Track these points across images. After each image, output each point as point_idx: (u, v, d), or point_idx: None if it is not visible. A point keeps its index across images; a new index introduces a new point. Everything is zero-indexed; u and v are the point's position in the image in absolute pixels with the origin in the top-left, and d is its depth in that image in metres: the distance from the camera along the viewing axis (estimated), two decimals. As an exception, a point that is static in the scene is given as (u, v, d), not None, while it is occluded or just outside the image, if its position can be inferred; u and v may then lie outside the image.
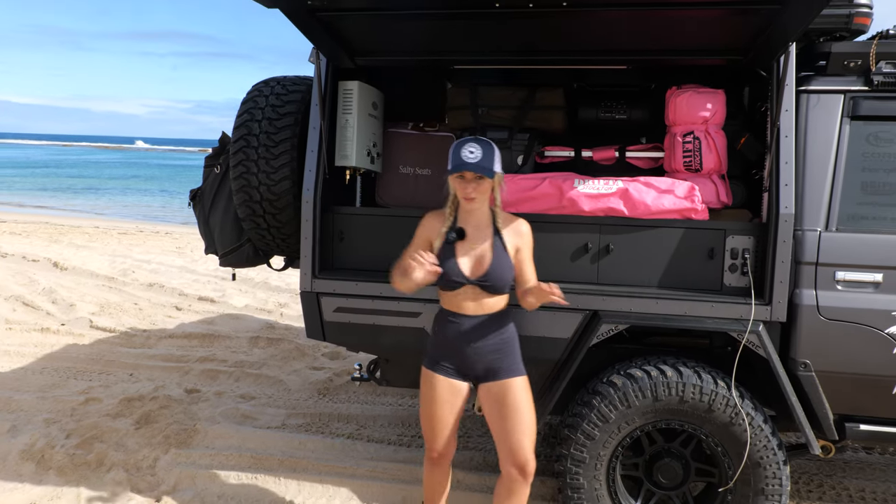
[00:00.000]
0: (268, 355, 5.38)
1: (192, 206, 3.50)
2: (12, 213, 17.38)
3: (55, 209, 20.42)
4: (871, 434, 2.69)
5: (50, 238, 11.89)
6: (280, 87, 3.11)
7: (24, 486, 3.29)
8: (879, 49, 2.67)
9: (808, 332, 2.61)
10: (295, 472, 3.48)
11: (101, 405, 4.24)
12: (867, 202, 2.65)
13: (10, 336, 5.81)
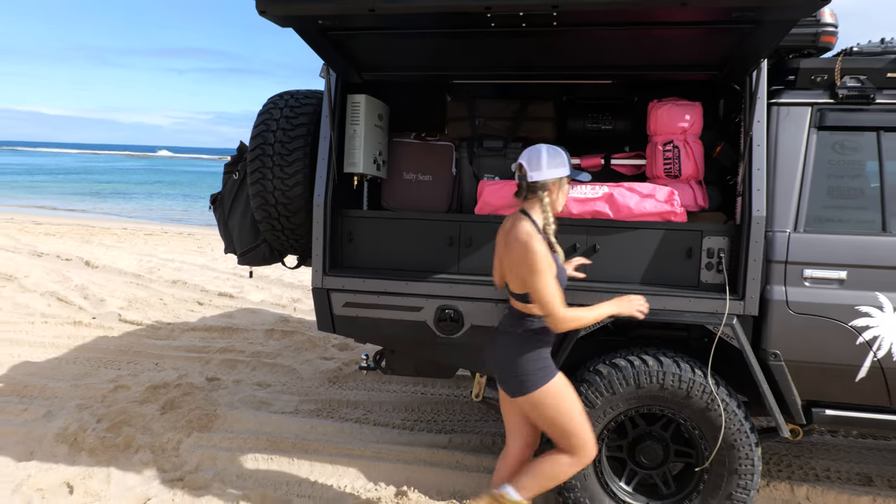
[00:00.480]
0: (282, 346, 5.39)
1: (213, 210, 3.50)
2: (47, 216, 17.38)
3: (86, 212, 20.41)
4: (836, 418, 2.69)
5: (82, 239, 11.90)
6: (293, 100, 3.11)
7: (59, 467, 3.29)
8: (844, 65, 2.67)
9: (779, 324, 2.61)
10: (307, 453, 3.48)
11: (129, 392, 4.24)
12: (832, 206, 2.65)
13: (46, 329, 5.81)
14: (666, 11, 2.25)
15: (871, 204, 2.63)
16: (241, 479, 3.22)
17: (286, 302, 7.09)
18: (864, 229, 2.61)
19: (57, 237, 11.97)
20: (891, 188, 2.63)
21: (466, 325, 2.82)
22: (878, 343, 2.54)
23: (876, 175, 2.64)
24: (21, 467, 3.28)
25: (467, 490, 3.12)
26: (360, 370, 3.66)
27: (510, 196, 2.87)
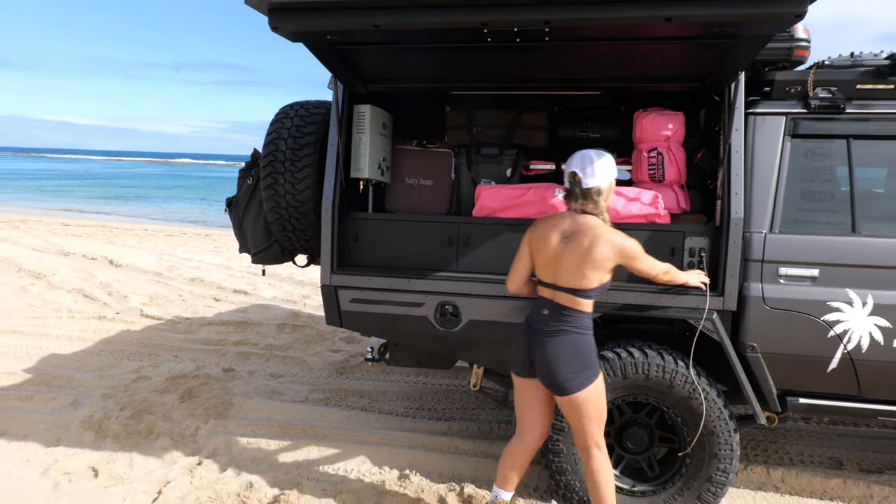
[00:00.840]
0: (293, 339, 5.39)
1: (228, 212, 3.50)
2: (74, 218, 17.38)
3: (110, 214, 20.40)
4: (809, 406, 2.70)
5: (106, 239, 11.90)
6: (303, 110, 3.12)
7: (84, 452, 3.30)
8: (816, 77, 2.68)
9: (756, 319, 2.61)
10: (316, 439, 3.48)
11: (150, 382, 4.25)
12: (805, 208, 2.65)
13: (72, 323, 5.82)
14: (651, 27, 2.26)
15: (841, 207, 2.63)
16: (254, 463, 3.23)
17: (297, 298, 7.09)
18: (834, 230, 2.61)
19: (83, 238, 11.97)
20: (860, 192, 2.63)
21: (464, 320, 2.82)
22: (848, 336, 2.55)
23: (846, 180, 2.64)
24: (49, 452, 3.28)
25: (466, 474, 3.13)
26: (365, 362, 3.67)
27: (505, 199, 2.88)
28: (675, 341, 2.81)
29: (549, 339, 2.27)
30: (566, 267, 2.24)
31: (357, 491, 2.93)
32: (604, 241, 2.20)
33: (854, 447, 3.49)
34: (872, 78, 2.65)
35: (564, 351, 2.25)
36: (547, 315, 2.30)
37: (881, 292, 2.53)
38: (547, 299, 2.32)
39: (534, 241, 2.35)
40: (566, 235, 2.26)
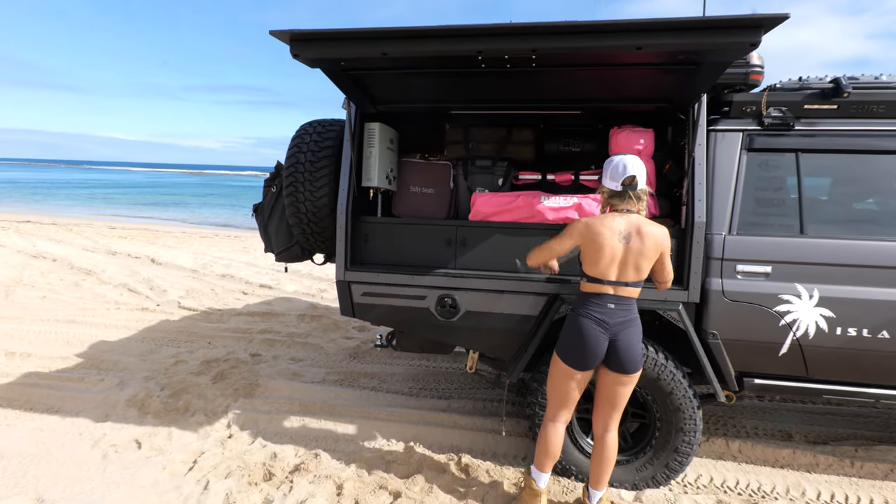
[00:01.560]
0: (312, 328, 5.38)
1: (255, 217, 3.50)
2: (120, 222, 17.36)
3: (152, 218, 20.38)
4: (762, 386, 2.70)
5: (148, 240, 11.88)
6: (320, 127, 3.11)
7: (129, 427, 3.29)
8: (769, 98, 2.68)
9: (716, 310, 2.61)
10: (332, 415, 3.48)
11: (187, 365, 4.24)
12: (759, 213, 2.65)
13: (119, 314, 5.81)
14: (624, 55, 2.26)
15: (790, 212, 2.63)
16: (277, 436, 3.22)
17: (315, 292, 7.08)
18: (785, 232, 2.61)
19: (128, 239, 11.96)
20: (807, 199, 2.63)
21: (462, 311, 2.82)
22: (796, 325, 2.55)
23: (795, 188, 2.64)
24: (98, 427, 3.28)
25: (463, 445, 3.13)
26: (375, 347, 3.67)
27: (497, 205, 2.87)
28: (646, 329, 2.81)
29: (628, 329, 2.27)
30: (630, 264, 2.24)
31: (368, 460, 2.92)
32: (660, 236, 2.25)
33: (802, 421, 3.50)
34: (818, 99, 2.65)
35: (637, 337, 2.29)
36: (615, 310, 2.27)
37: (826, 286, 2.53)
38: (610, 294, 2.28)
39: (588, 239, 2.26)
40: (625, 236, 2.23)
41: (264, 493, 2.64)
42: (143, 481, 2.74)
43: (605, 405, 2.38)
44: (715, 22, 1.95)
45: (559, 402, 2.39)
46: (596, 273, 2.28)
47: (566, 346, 2.32)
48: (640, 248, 2.22)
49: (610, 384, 2.34)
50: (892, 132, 2.59)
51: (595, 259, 2.26)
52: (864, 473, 2.93)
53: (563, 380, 2.35)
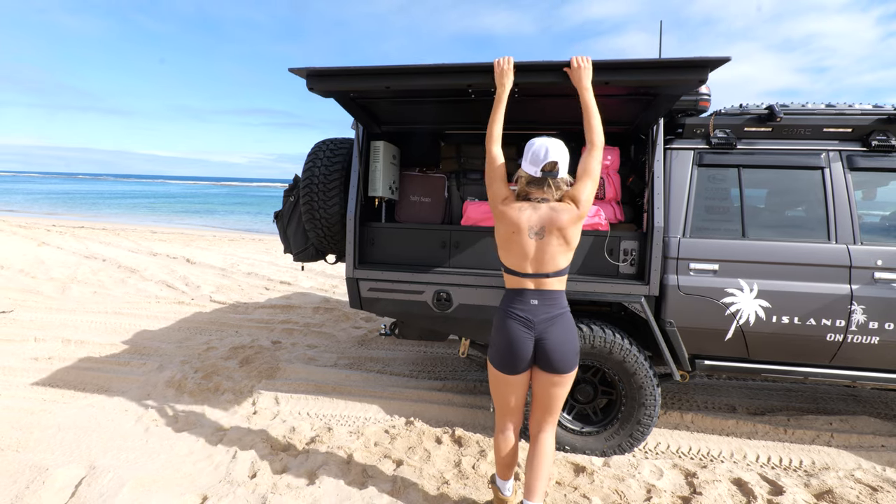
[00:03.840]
0: (325, 319, 5.33)
1: (275, 222, 3.45)
2: (160, 227, 17.16)
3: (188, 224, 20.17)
4: (711, 366, 2.70)
5: (184, 243, 11.75)
6: (333, 144, 3.07)
7: (168, 404, 3.24)
8: (715, 122, 2.68)
9: (673, 302, 2.60)
10: (342, 395, 3.44)
11: (217, 351, 4.18)
12: (708, 219, 2.65)
13: (158, 306, 5.73)
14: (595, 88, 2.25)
15: (734, 218, 2.63)
16: (295, 413, 3.18)
17: (328, 287, 7.02)
18: (729, 235, 2.61)
19: (167, 242, 11.82)
20: (747, 207, 2.63)
21: (455, 304, 2.79)
22: (739, 314, 2.54)
23: (737, 198, 2.64)
24: (141, 404, 3.21)
25: (456, 420, 3.09)
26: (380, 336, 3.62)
27: (485, 212, 2.84)
28: (613, 319, 2.81)
29: (558, 322, 1.83)
30: (547, 255, 1.81)
31: (374, 433, 2.88)
32: (570, 212, 1.82)
33: (744, 396, 3.50)
34: (755, 123, 2.66)
35: (571, 331, 1.85)
36: (537, 305, 1.83)
37: (764, 281, 2.53)
38: (531, 290, 1.84)
39: (500, 222, 1.85)
40: (537, 232, 1.82)
41: (284, 462, 2.60)
42: (180, 451, 2.68)
43: (538, 407, 1.92)
44: (670, 63, 1.98)
45: (500, 409, 1.96)
46: (511, 265, 1.85)
47: (493, 349, 1.88)
48: (559, 241, 1.80)
49: (543, 385, 1.88)
50: (816, 151, 2.60)
51: (506, 246, 1.84)
52: (795, 439, 2.93)
53: (497, 386, 1.92)
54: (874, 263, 2.47)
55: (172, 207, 31.97)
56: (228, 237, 13.90)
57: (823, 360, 2.58)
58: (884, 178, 2.66)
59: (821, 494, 2.39)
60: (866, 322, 2.46)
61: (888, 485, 2.46)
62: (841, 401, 3.43)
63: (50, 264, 8.07)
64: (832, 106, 2.64)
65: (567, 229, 1.81)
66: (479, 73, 2.07)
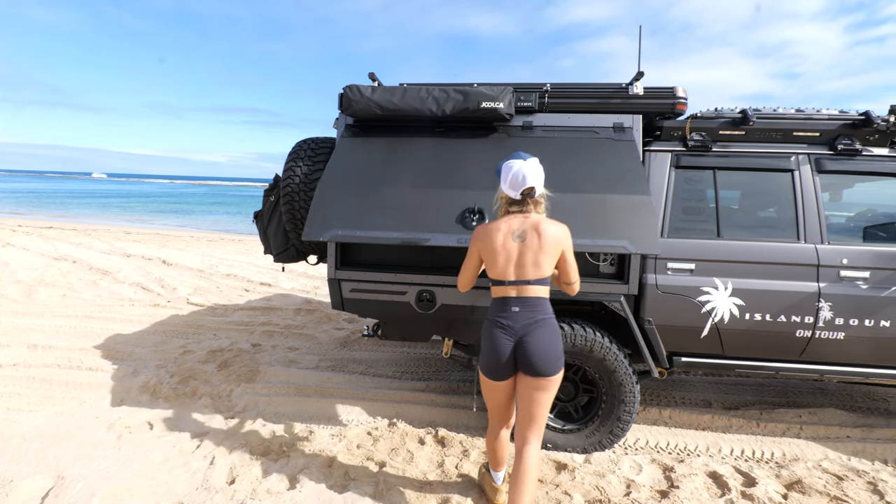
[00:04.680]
0: (307, 320, 5.25)
1: (255, 222, 3.38)
2: (134, 227, 16.65)
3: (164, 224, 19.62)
4: (688, 363, 2.75)
5: (160, 244, 11.42)
6: (314, 143, 3.02)
7: (143, 410, 3.13)
8: (692, 125, 2.73)
9: (651, 300, 2.64)
10: (324, 397, 3.38)
11: (194, 355, 4.06)
12: (685, 219, 2.69)
13: (132, 309, 5.54)
14: None
15: (709, 218, 2.68)
16: (276, 416, 3.11)
17: (310, 289, 6.92)
18: (705, 235, 2.66)
19: (142, 243, 11.46)
20: (723, 208, 2.69)
21: (438, 304, 2.77)
22: (715, 312, 2.60)
23: (713, 199, 2.70)
24: (113, 411, 3.10)
25: (439, 420, 3.08)
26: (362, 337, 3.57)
27: None
28: (594, 318, 2.83)
29: (540, 328, 1.87)
30: (528, 262, 1.88)
31: (356, 435, 2.85)
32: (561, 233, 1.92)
33: (719, 391, 3.58)
34: (730, 126, 2.72)
35: (552, 337, 1.89)
36: (522, 311, 1.88)
37: (738, 279, 2.59)
38: (513, 297, 1.90)
39: (484, 243, 1.93)
40: (519, 234, 1.90)
41: (264, 466, 2.54)
42: (155, 458, 2.59)
43: (523, 414, 1.93)
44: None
45: (491, 412, 2.04)
46: (496, 275, 1.92)
47: (481, 357, 1.95)
48: (539, 245, 1.87)
49: (525, 389, 1.90)
50: (786, 154, 2.68)
51: (492, 260, 1.91)
52: (767, 432, 3.01)
53: (486, 391, 1.99)
54: (840, 262, 2.56)
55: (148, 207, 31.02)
56: (207, 238, 13.58)
57: (793, 356, 2.66)
58: (849, 181, 2.76)
59: (791, 485, 2.46)
60: (833, 318, 2.54)
61: (853, 474, 2.55)
62: (810, 394, 3.55)
63: (15, 266, 7.74)
64: (801, 111, 2.72)
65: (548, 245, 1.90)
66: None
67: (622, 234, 2.40)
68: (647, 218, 2.41)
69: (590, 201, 2.47)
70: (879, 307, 2.51)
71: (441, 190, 2.53)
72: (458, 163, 2.63)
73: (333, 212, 2.50)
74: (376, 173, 2.64)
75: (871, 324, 2.52)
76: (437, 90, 2.64)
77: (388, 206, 2.50)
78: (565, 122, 2.73)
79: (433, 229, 2.45)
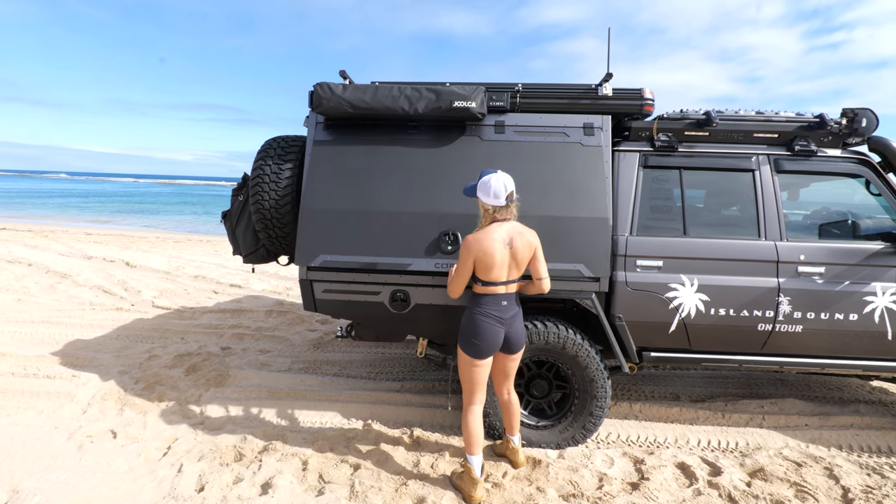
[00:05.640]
0: (278, 322, 5.15)
1: (223, 223, 3.29)
2: (96, 228, 15.95)
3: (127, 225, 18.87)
4: (657, 358, 2.81)
5: (123, 245, 10.98)
6: (284, 142, 2.96)
7: (105, 418, 3.01)
8: (659, 126, 2.80)
9: (621, 297, 2.69)
10: (297, 400, 3.33)
11: (160, 360, 3.93)
12: (653, 218, 2.75)
13: (94, 314, 5.32)
14: None
15: (676, 217, 2.75)
16: (247, 421, 3.05)
17: (281, 290, 6.79)
18: (672, 233, 2.73)
19: (103, 244, 10.99)
20: (689, 207, 2.76)
21: (413, 303, 2.77)
22: (682, 307, 2.67)
23: (679, 198, 2.77)
24: (73, 420, 2.97)
25: (415, 420, 3.08)
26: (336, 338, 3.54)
27: None
28: (566, 315, 2.87)
29: (517, 318, 2.31)
30: (521, 261, 2.24)
31: (330, 438, 2.81)
32: (534, 238, 2.29)
33: (686, 385, 3.69)
34: (694, 127, 2.80)
35: (522, 320, 2.36)
36: (508, 304, 2.26)
37: (704, 276, 2.67)
38: (503, 294, 2.25)
39: (480, 253, 2.18)
40: (508, 243, 2.20)
41: (235, 472, 2.48)
42: (119, 468, 2.50)
43: (503, 378, 2.47)
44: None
45: (471, 388, 2.32)
46: (490, 278, 2.22)
47: (470, 342, 2.24)
48: (520, 250, 2.22)
49: (504, 362, 2.41)
50: (748, 154, 2.78)
51: (488, 267, 2.19)
52: (731, 422, 3.13)
53: (470, 370, 2.30)
54: (798, 258, 2.68)
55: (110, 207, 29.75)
56: (173, 238, 13.14)
57: (755, 349, 2.77)
58: (805, 180, 2.90)
59: (754, 472, 2.57)
60: (791, 312, 2.66)
61: (811, 460, 2.68)
62: (771, 385, 3.71)
63: (-35, 270, 7.32)
64: (761, 113, 2.83)
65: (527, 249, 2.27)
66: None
67: (578, 257, 2.60)
68: (603, 239, 2.60)
69: (550, 221, 2.62)
70: (834, 301, 2.64)
71: (418, 213, 2.67)
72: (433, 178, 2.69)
73: (319, 237, 2.70)
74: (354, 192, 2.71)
75: (827, 317, 2.65)
76: (410, 89, 2.63)
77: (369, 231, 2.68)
78: (537, 122, 2.76)
79: (412, 254, 2.66)
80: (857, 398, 3.51)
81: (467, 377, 2.32)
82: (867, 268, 2.65)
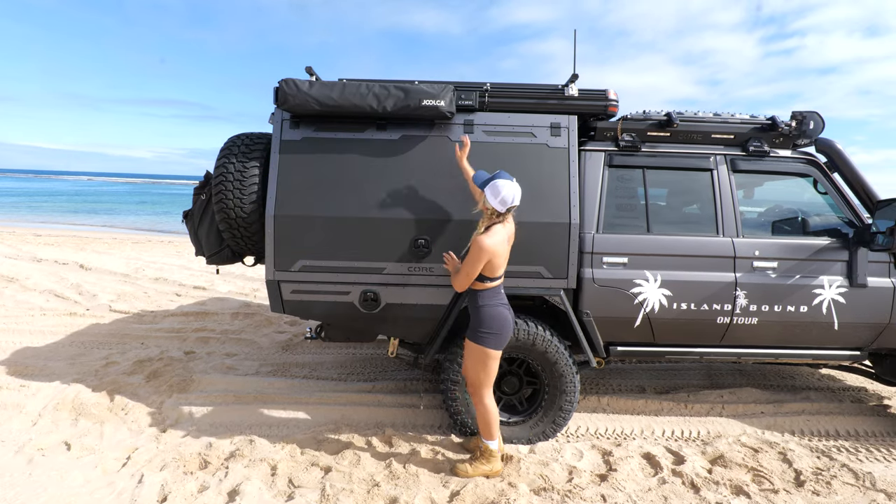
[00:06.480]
0: (245, 325, 5.02)
1: (185, 223, 3.18)
2: (46, 229, 15.08)
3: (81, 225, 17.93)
4: (624, 352, 2.90)
5: (77, 247, 10.43)
6: (248, 139, 2.89)
7: (58, 430, 2.86)
8: (623, 126, 2.88)
9: (589, 294, 2.75)
10: (266, 404, 3.26)
11: (118, 366, 3.76)
12: (618, 216, 2.83)
13: (45, 320, 5.03)
14: None
15: (640, 215, 2.84)
16: (213, 427, 2.96)
17: (248, 291, 6.62)
18: (637, 231, 2.82)
19: (55, 246, 10.40)
20: (652, 205, 2.86)
21: (383, 303, 2.76)
22: (646, 302, 2.76)
23: (643, 196, 2.87)
24: (22, 433, 2.81)
25: (387, 421, 3.06)
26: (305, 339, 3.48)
27: None
28: (535, 312, 2.91)
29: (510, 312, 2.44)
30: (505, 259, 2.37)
31: (300, 441, 2.77)
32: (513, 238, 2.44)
33: (651, 377, 3.82)
34: (657, 128, 2.90)
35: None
36: (503, 296, 2.41)
37: (666, 272, 2.77)
38: (502, 285, 2.41)
39: (495, 255, 2.28)
40: (509, 240, 2.38)
41: (200, 481, 2.41)
42: (74, 481, 2.38)
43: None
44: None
45: (487, 381, 2.42)
46: (497, 274, 2.35)
47: (492, 336, 2.34)
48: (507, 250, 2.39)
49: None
50: (706, 154, 2.90)
51: (500, 264, 2.33)
52: (694, 412, 3.26)
53: (488, 363, 2.38)
54: (753, 254, 2.82)
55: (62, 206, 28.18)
56: (131, 239, 12.58)
57: (715, 341, 2.89)
58: (759, 180, 3.05)
59: (714, 460, 2.69)
60: (748, 305, 2.80)
61: (766, 446, 2.83)
62: (730, 375, 3.88)
63: None
64: (718, 115, 2.96)
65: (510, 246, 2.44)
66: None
67: (539, 260, 2.69)
68: (563, 244, 2.68)
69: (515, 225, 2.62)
70: (786, 294, 2.79)
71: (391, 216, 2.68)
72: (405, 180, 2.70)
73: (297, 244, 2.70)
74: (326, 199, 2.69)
75: (779, 309, 2.80)
76: (378, 86, 2.61)
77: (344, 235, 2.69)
78: (505, 121, 2.79)
79: (386, 258, 2.70)
80: (808, 385, 3.73)
81: (485, 370, 2.39)
82: (815, 262, 2.81)
